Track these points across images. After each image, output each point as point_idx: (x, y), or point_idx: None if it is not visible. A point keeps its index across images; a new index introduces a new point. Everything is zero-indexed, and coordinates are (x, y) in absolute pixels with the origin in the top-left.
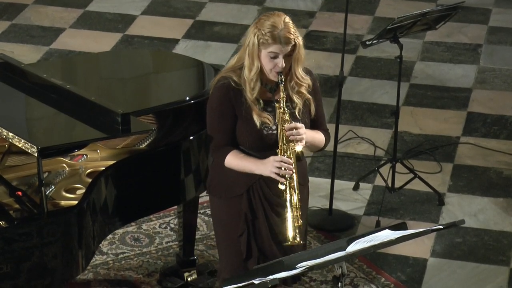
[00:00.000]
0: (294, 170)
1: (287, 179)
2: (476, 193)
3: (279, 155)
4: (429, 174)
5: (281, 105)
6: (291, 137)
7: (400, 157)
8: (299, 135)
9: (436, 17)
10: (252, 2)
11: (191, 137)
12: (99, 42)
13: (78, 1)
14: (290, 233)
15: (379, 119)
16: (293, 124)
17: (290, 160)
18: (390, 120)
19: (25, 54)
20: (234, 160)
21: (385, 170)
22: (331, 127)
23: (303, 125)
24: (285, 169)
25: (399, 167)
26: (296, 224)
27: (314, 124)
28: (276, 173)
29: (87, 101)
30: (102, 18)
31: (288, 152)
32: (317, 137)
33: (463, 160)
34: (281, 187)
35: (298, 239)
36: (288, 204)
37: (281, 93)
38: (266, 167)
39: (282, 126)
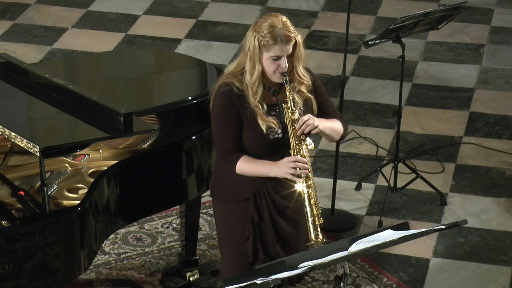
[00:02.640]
0: (309, 169)
1: (303, 179)
2: (479, 193)
3: (292, 155)
4: (432, 174)
5: (289, 105)
6: (305, 130)
7: (402, 157)
8: (309, 123)
9: (438, 17)
10: (254, 2)
11: (194, 137)
12: (101, 41)
13: (81, 1)
14: (312, 232)
15: (382, 119)
16: (300, 120)
17: (305, 159)
18: (392, 120)
19: (28, 53)
20: (246, 165)
21: (387, 170)
22: None
23: (308, 114)
24: (300, 168)
25: (401, 167)
26: (317, 223)
27: (326, 116)
28: (291, 174)
29: (89, 100)
30: (104, 18)
31: (302, 152)
32: (334, 124)
33: (466, 160)
34: (298, 187)
35: (320, 237)
36: (306, 203)
37: (288, 93)
38: (280, 168)
39: (293, 125)
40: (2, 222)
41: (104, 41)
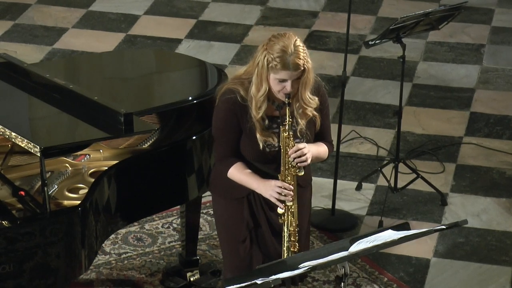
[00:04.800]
0: (293, 197)
1: (286, 205)
2: (479, 193)
3: (279, 180)
4: (432, 174)
5: (286, 128)
6: (296, 160)
7: (403, 157)
8: (303, 155)
9: (439, 17)
10: (255, 2)
11: (194, 137)
12: (102, 42)
13: (81, 1)
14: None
15: (382, 119)
16: (295, 147)
17: (291, 186)
18: (393, 120)
19: (28, 53)
20: (237, 174)
21: (388, 170)
22: (334, 127)
23: (305, 144)
24: (285, 195)
25: (402, 167)
26: (292, 250)
27: (318, 136)
28: (275, 198)
29: (90, 101)
30: (105, 18)
31: (289, 178)
32: (321, 150)
33: (466, 160)
34: (280, 211)
35: None
36: (285, 229)
37: (287, 117)
38: (266, 189)
39: (286, 151)
40: (3, 222)
41: (104, 41)
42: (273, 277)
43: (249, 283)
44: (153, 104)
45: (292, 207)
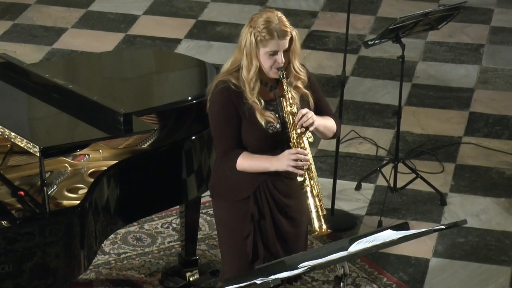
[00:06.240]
0: (310, 161)
1: (305, 171)
2: (478, 193)
3: (293, 148)
4: (431, 174)
5: (287, 97)
6: (304, 124)
7: (402, 157)
8: (308, 117)
9: (438, 17)
10: (254, 2)
11: (193, 137)
12: (101, 42)
13: (81, 1)
14: (316, 223)
15: (381, 119)
16: (299, 113)
17: (305, 151)
18: (392, 120)
19: (28, 53)
20: (247, 161)
21: (387, 170)
22: None
23: (306, 108)
24: (301, 160)
25: (401, 167)
26: (321, 214)
27: (320, 113)
28: (293, 166)
29: (89, 101)
30: (104, 18)
31: (302, 144)
32: (327, 121)
33: (465, 160)
34: (300, 179)
35: (324, 227)
36: (309, 195)
37: (285, 87)
38: (281, 162)
39: (292, 119)
40: (2, 222)
41: (104, 41)
42: (273, 277)
43: (248, 283)
44: (153, 104)
45: (312, 171)
